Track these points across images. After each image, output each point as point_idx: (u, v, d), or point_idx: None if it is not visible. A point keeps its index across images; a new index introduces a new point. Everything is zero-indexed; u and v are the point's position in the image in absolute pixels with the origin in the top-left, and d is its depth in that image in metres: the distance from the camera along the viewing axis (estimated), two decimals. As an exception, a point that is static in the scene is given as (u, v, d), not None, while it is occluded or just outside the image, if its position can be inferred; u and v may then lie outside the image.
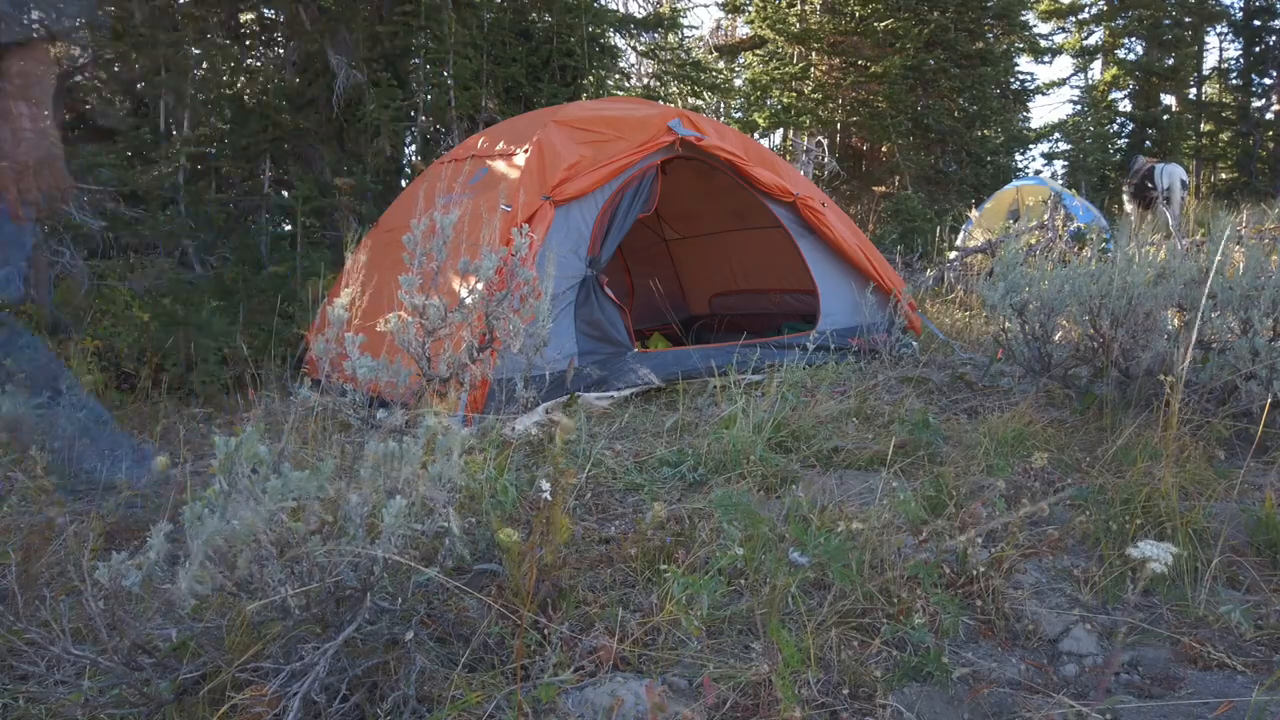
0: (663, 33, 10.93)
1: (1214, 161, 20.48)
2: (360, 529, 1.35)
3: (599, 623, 1.63)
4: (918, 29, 13.13)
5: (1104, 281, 3.09)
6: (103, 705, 1.38)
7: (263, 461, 1.32)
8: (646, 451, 2.89)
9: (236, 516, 1.20)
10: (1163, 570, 1.21)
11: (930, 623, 1.63)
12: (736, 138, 4.63)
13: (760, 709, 1.40)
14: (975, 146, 13.88)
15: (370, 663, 1.39)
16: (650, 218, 4.96)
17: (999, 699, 1.48)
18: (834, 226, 4.66)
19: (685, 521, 2.16)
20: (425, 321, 2.04)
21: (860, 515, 2.04)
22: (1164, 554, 1.20)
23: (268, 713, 1.25)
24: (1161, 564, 1.20)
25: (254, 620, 1.35)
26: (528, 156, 3.84)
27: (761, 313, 5.95)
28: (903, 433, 2.94)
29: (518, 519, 2.03)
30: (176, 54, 6.97)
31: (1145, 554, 1.22)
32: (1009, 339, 3.51)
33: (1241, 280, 2.94)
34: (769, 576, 1.73)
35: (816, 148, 11.51)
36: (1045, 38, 19.24)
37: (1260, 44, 19.90)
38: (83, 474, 2.38)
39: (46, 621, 1.50)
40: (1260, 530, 2.06)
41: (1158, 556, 1.20)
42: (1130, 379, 3.04)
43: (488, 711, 1.36)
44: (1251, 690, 1.49)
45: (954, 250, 8.81)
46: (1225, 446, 2.68)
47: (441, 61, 7.68)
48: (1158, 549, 1.22)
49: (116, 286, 4.53)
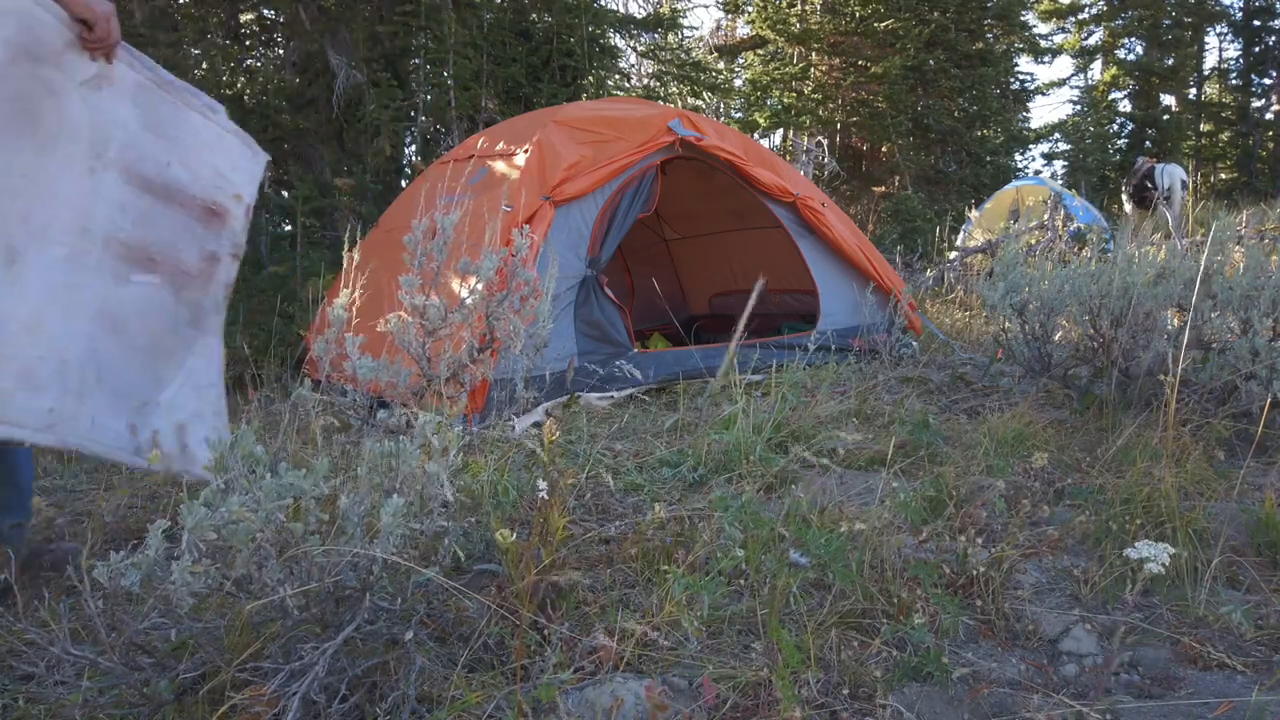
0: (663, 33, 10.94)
1: (1214, 161, 20.47)
2: (359, 528, 1.35)
3: (598, 623, 1.63)
4: (918, 29, 13.13)
5: (1104, 281, 3.09)
6: (102, 705, 1.38)
7: (259, 461, 1.32)
8: (646, 451, 2.89)
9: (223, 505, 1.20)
10: (1161, 570, 1.22)
11: (930, 623, 1.63)
12: (736, 138, 4.63)
13: (760, 709, 1.39)
14: (975, 146, 13.88)
15: (370, 663, 1.38)
16: (650, 218, 4.95)
17: (999, 699, 1.48)
18: (834, 226, 4.66)
19: (685, 522, 2.16)
20: (425, 322, 2.04)
21: (860, 515, 2.04)
22: (1161, 554, 1.20)
23: (267, 712, 1.25)
24: (1159, 564, 1.20)
25: (253, 620, 1.35)
26: (528, 157, 3.84)
27: (762, 313, 5.95)
28: (903, 433, 2.94)
29: (518, 519, 2.03)
30: (176, 54, 6.97)
31: (1143, 554, 1.22)
32: (1009, 339, 3.50)
33: (1241, 280, 2.94)
34: (769, 577, 1.73)
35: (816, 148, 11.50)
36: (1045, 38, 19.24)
37: (1260, 44, 19.89)
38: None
39: (46, 622, 1.50)
40: (1260, 530, 2.06)
41: (1155, 556, 1.20)
42: (1130, 379, 3.04)
43: (487, 711, 1.36)
44: (1251, 690, 1.49)
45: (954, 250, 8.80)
46: (1225, 446, 2.68)
47: (441, 61, 7.68)
48: (1155, 549, 1.22)
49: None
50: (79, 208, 1.74)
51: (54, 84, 1.70)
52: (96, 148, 1.78)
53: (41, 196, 1.68)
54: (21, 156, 1.65)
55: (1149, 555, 1.22)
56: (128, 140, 1.84)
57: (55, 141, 1.71)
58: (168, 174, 1.91)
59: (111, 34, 1.76)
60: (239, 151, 2.08)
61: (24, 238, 1.64)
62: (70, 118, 1.73)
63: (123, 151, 1.83)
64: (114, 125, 1.81)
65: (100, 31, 1.74)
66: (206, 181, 1.99)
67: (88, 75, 1.75)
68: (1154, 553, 1.21)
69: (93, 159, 1.77)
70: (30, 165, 1.67)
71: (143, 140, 1.87)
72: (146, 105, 1.88)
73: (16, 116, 1.64)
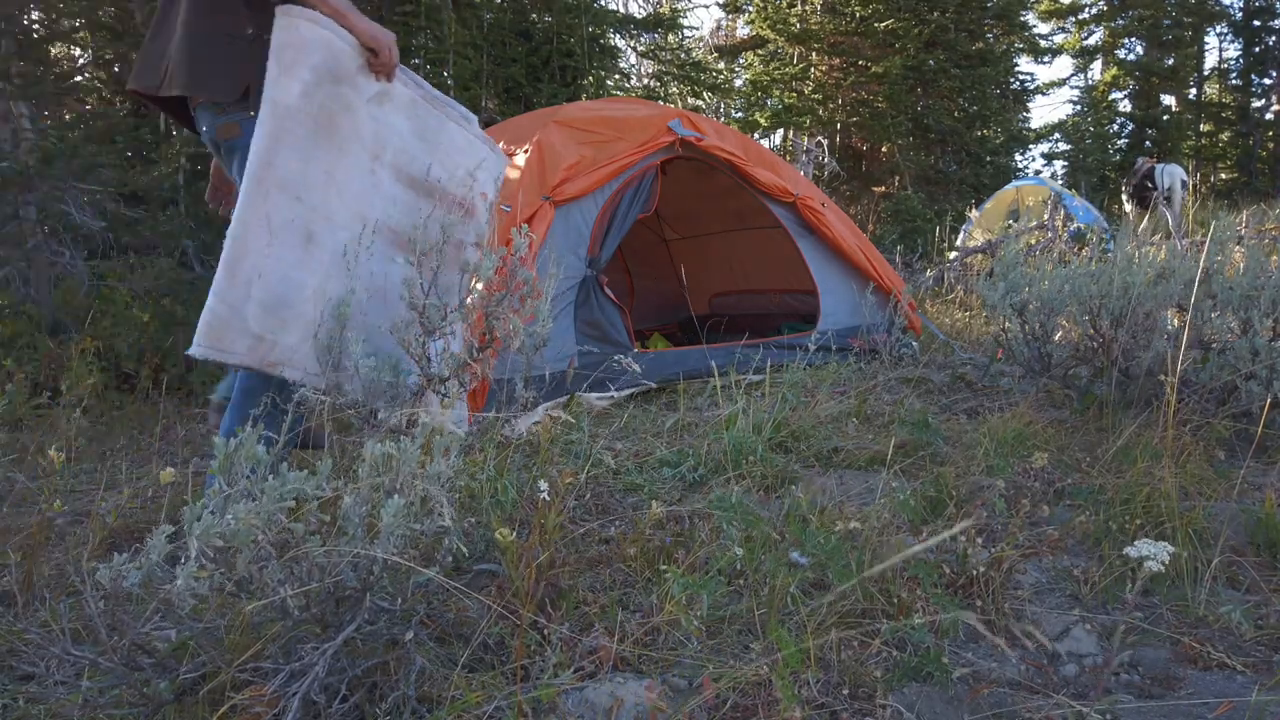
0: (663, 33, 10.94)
1: (1214, 161, 20.46)
2: (359, 529, 1.35)
3: (598, 623, 1.63)
4: (918, 29, 13.13)
5: (1104, 281, 3.09)
6: (102, 705, 1.38)
7: (261, 462, 1.32)
8: (646, 451, 2.89)
9: (230, 511, 1.20)
10: (1160, 569, 1.22)
11: (930, 623, 1.63)
12: (736, 138, 4.63)
13: (760, 709, 1.39)
14: (975, 146, 13.88)
15: (370, 663, 1.38)
16: (650, 218, 4.95)
17: (999, 699, 1.48)
18: (834, 226, 4.66)
19: (685, 521, 2.16)
20: (425, 321, 2.04)
21: (859, 515, 2.04)
22: (1161, 552, 1.20)
23: (267, 713, 1.25)
24: (1158, 563, 1.20)
25: (253, 620, 1.35)
26: (528, 157, 3.84)
27: (762, 313, 5.95)
28: (903, 433, 2.94)
29: (518, 519, 2.03)
30: (176, 54, 6.94)
31: (1142, 553, 1.22)
32: (1009, 339, 3.50)
33: (1241, 280, 2.94)
34: (768, 577, 1.73)
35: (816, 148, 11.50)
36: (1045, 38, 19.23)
37: (1260, 44, 19.89)
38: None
39: (46, 622, 1.50)
40: (1260, 530, 2.06)
41: (1155, 555, 1.20)
42: (1130, 379, 3.04)
43: (488, 712, 1.36)
44: (1251, 690, 1.49)
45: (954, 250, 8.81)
46: (1225, 446, 2.68)
47: (441, 61, 7.68)
48: (1155, 547, 1.22)
49: (116, 287, 4.53)
50: (360, 200, 2.10)
51: (349, 100, 2.06)
52: (376, 152, 2.14)
53: (335, 192, 2.04)
54: (323, 160, 2.01)
55: (1148, 553, 1.22)
56: (400, 145, 2.20)
57: (347, 146, 2.06)
58: (429, 174, 2.28)
59: (393, 59, 2.11)
60: (485, 155, 2.45)
61: (320, 223, 2.00)
62: (358, 128, 2.09)
63: (396, 155, 2.19)
64: (391, 133, 2.18)
65: (384, 57, 2.08)
66: (459, 181, 2.35)
67: (373, 92, 2.12)
68: (1153, 551, 1.21)
69: (372, 161, 2.13)
70: (329, 166, 2.02)
71: (412, 145, 2.23)
72: (416, 117, 2.24)
73: (321, 127, 2.00)
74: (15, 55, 4.29)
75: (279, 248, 1.90)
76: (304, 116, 1.96)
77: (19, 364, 3.63)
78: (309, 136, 1.97)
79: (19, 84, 4.26)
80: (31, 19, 5.33)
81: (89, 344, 3.66)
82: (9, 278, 4.20)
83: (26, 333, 3.97)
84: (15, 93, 4.23)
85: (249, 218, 1.87)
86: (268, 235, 1.89)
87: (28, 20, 5.17)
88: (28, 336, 3.94)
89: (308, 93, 1.96)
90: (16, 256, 4.21)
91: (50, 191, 4.23)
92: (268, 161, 1.90)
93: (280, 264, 1.91)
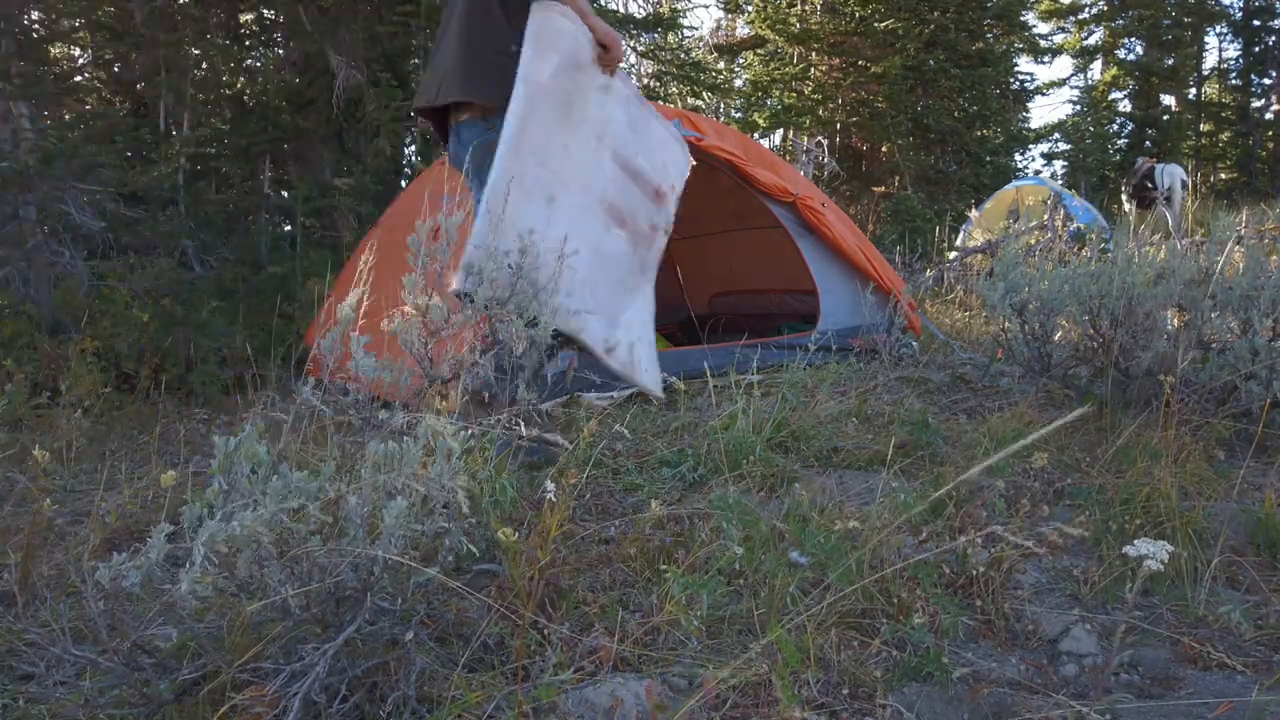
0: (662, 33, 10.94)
1: (1214, 161, 20.47)
2: (361, 529, 1.35)
3: (598, 623, 1.63)
4: (918, 29, 13.13)
5: (1104, 281, 3.09)
6: (103, 705, 1.38)
7: (262, 462, 1.32)
8: (646, 451, 2.89)
9: (236, 518, 1.21)
10: (1160, 568, 1.22)
11: (930, 623, 1.63)
12: (736, 138, 4.63)
13: (760, 709, 1.40)
14: (975, 146, 13.89)
15: (370, 663, 1.39)
16: (650, 218, 4.95)
17: (999, 699, 1.48)
18: (834, 226, 4.66)
19: (685, 522, 2.16)
20: (428, 322, 2.04)
21: (859, 515, 2.04)
22: (1160, 551, 1.20)
23: (268, 713, 1.25)
24: (1157, 562, 1.20)
25: (254, 621, 1.36)
26: (528, 157, 3.84)
27: (762, 313, 5.95)
28: (903, 433, 2.94)
29: (518, 519, 2.03)
30: (176, 54, 6.96)
31: (1142, 551, 1.22)
32: (1009, 339, 3.50)
33: (1241, 280, 2.94)
34: (768, 576, 1.73)
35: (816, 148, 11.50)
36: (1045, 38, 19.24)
37: (1260, 44, 19.90)
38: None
39: (47, 622, 1.50)
40: (1260, 530, 2.06)
41: (1154, 554, 1.20)
42: (1130, 379, 3.04)
43: (488, 712, 1.36)
44: (1251, 690, 1.49)
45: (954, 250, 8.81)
46: (1225, 446, 2.68)
47: (442, 62, 7.66)
48: (1154, 546, 1.22)
49: (116, 286, 4.53)
50: (587, 173, 2.45)
51: (583, 86, 2.40)
52: (598, 134, 2.49)
53: (570, 163, 2.39)
54: (562, 135, 2.36)
55: (1148, 552, 1.22)
56: (617, 132, 2.54)
57: (579, 127, 2.41)
58: (636, 161, 2.60)
59: (620, 56, 2.46)
60: (678, 152, 2.77)
61: (559, 187, 2.33)
62: (588, 111, 2.43)
63: (613, 140, 2.53)
64: (610, 120, 2.52)
65: (614, 54, 2.44)
66: (658, 171, 2.67)
67: (600, 83, 2.46)
68: (1153, 550, 1.21)
69: (596, 141, 2.48)
70: (566, 140, 2.37)
71: (625, 134, 2.57)
72: (629, 109, 2.60)
73: (561, 106, 2.34)
74: (15, 55, 4.29)
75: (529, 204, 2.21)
76: (551, 95, 2.28)
77: (19, 364, 3.63)
78: (553, 112, 2.29)
79: (19, 84, 4.26)
80: (31, 19, 5.33)
81: (89, 344, 3.66)
82: (9, 278, 4.20)
83: (26, 333, 3.96)
84: (15, 93, 4.23)
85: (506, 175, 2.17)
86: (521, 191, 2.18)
87: (28, 20, 5.17)
88: (27, 336, 3.93)
89: (555, 74, 2.28)
90: (16, 256, 4.20)
91: (50, 191, 4.22)
92: (521, 128, 2.21)
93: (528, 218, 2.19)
